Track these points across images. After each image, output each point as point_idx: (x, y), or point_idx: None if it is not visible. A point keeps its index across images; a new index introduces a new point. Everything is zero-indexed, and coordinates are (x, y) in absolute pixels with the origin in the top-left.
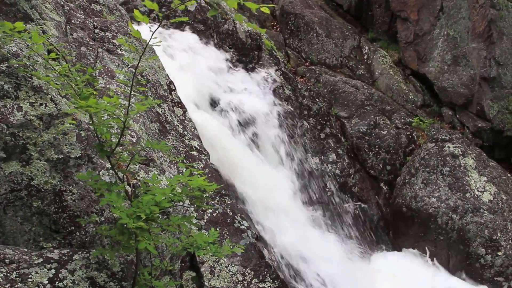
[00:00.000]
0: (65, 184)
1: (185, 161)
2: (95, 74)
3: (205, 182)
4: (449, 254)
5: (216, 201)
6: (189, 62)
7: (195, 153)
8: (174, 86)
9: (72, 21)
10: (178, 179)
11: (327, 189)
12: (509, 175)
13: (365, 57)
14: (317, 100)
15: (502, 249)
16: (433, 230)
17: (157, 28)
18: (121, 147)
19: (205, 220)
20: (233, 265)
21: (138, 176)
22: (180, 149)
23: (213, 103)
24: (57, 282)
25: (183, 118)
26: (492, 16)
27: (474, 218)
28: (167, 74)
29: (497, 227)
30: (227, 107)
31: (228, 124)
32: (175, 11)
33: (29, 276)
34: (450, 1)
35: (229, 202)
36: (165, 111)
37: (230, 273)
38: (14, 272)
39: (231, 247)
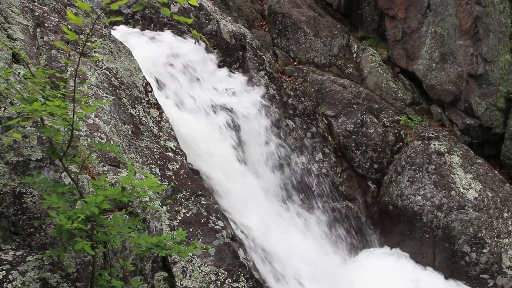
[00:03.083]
0: (25, 187)
1: (159, 162)
2: (66, 77)
3: (154, 183)
4: (434, 252)
5: (191, 201)
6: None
7: (170, 154)
8: (151, 88)
9: (45, 24)
10: (129, 180)
11: (313, 188)
12: (496, 172)
13: (354, 55)
14: (303, 99)
15: (487, 247)
16: (418, 228)
17: (92, 28)
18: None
19: (178, 221)
20: (206, 265)
21: (107, 177)
22: (154, 150)
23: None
24: (5, 283)
25: (159, 119)
26: (478, 13)
27: (459, 216)
28: (143, 76)
29: (482, 225)
30: (210, 107)
31: (212, 124)
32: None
33: None
34: None
35: (204, 203)
36: (139, 112)
37: (203, 273)
38: None
39: (196, 246)
